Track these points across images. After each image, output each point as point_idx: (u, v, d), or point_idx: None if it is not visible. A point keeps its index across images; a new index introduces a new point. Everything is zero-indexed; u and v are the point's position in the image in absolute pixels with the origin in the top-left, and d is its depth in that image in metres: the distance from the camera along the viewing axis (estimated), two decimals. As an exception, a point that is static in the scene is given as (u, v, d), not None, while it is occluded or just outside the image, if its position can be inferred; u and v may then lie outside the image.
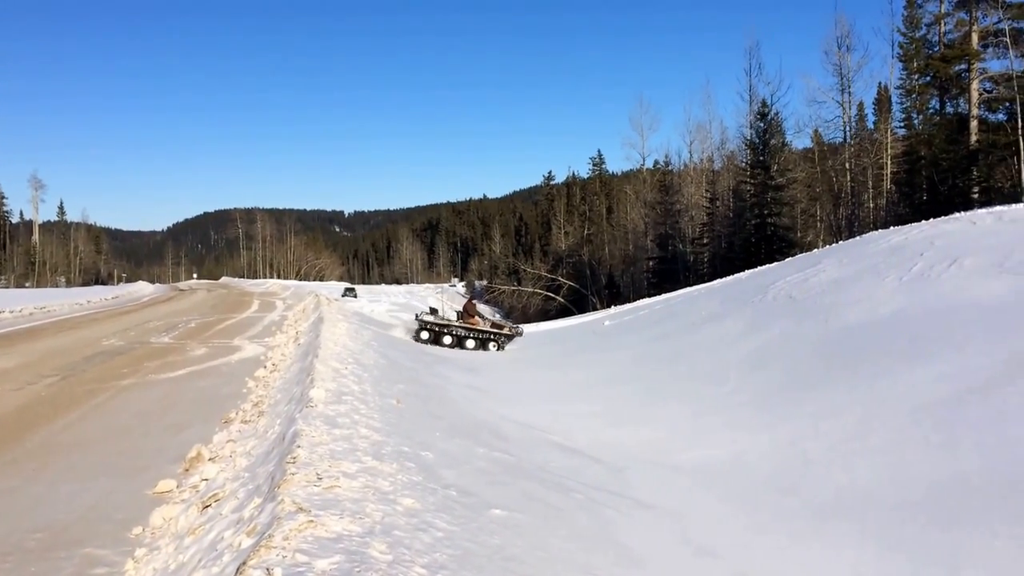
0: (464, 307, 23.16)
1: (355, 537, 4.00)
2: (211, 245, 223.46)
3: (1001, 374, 9.00)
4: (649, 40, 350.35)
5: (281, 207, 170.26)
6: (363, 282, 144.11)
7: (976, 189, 33.84)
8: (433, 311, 23.72)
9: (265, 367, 13.68)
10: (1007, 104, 33.51)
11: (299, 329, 19.69)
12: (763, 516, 7.13)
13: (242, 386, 12.07)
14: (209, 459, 7.49)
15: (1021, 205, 20.39)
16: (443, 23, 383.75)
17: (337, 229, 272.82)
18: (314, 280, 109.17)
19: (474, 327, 22.14)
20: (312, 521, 4.11)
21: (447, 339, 22.02)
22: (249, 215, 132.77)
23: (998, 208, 19.96)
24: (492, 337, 21.96)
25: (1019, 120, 31.23)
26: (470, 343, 21.91)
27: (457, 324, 22.28)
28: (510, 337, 22.42)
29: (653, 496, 7.38)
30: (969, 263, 13.96)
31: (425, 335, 22.06)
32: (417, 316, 22.88)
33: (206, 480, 6.80)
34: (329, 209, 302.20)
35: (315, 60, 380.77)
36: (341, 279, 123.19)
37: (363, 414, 7.31)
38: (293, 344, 16.37)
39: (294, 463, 5.26)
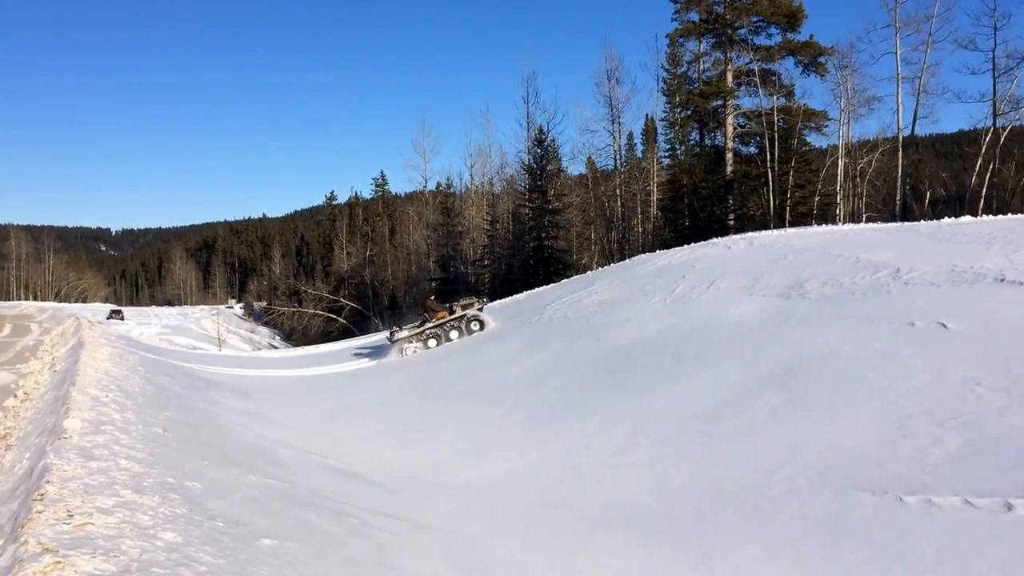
0: (425, 307, 22.44)
1: (108, 577, 3.74)
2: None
3: (751, 388, 9.74)
4: (431, 63, 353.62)
5: (39, 224, 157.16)
6: (132, 304, 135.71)
7: (732, 216, 36.58)
8: (398, 327, 22.85)
9: (16, 396, 12.54)
10: (758, 138, 36.51)
11: (56, 355, 18.23)
12: (536, 531, 7.29)
13: (-13, 418, 10.99)
14: (-57, 500, 6.76)
15: (770, 232, 22.20)
16: (214, 35, 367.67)
17: (103, 248, 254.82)
18: (76, 302, 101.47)
19: (445, 319, 21.65)
20: (59, 562, 3.79)
21: (432, 342, 21.50)
22: (1, 232, 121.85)
23: (750, 234, 21.62)
24: (469, 319, 21.59)
25: (768, 153, 34.08)
26: (454, 334, 21.46)
27: (432, 326, 21.68)
28: (481, 309, 22.13)
29: (429, 517, 7.38)
30: (725, 285, 15.02)
31: (411, 350, 21.42)
32: (392, 339, 21.91)
33: (-61, 524, 6.13)
34: (94, 226, 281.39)
35: (73, 60, 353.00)
36: (107, 301, 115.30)
37: (124, 444, 6.85)
38: (49, 371, 15.13)
39: (42, 500, 4.84)
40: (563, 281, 27.57)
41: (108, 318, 63.18)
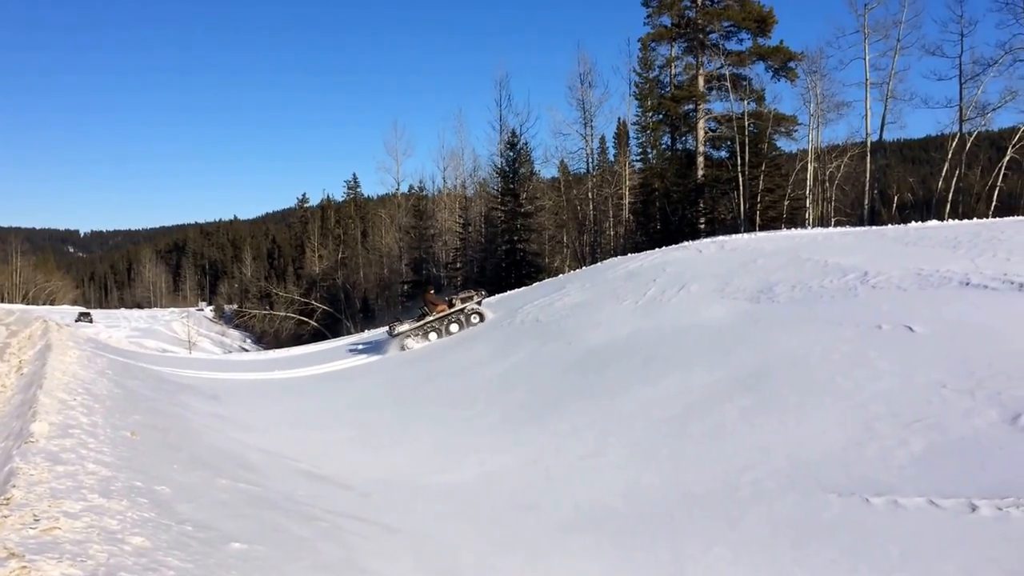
0: (425, 301, 22.46)
1: (75, 583, 3.71)
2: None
3: (721, 391, 9.81)
4: (404, 65, 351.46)
5: (6, 225, 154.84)
6: (100, 306, 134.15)
7: (703, 220, 36.86)
8: (398, 321, 22.76)
9: (-21, 401, 12.36)
10: (728, 142, 36.82)
11: (23, 358, 17.95)
12: (507, 534, 7.30)
13: (-50, 423, 10.82)
14: (-94, 507, 6.65)
15: (740, 236, 22.37)
16: (185, 36, 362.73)
17: (71, 250, 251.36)
18: (44, 304, 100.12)
19: (445, 313, 21.79)
20: (26, 567, 3.75)
21: (433, 335, 21.63)
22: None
23: (720, 238, 21.78)
24: (469, 312, 21.77)
25: (738, 158, 34.35)
26: (454, 327, 21.60)
27: (432, 319, 21.78)
28: (480, 302, 22.33)
29: (400, 520, 7.36)
30: (696, 288, 15.12)
31: (411, 343, 21.53)
32: (392, 333, 21.94)
33: (-98, 530, 6.03)
34: (62, 228, 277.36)
35: (42, 60, 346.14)
36: (75, 303, 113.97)
37: (92, 448, 6.78)
38: (15, 374, 14.91)
39: (8, 504, 4.78)
40: (535, 284, 27.60)
41: (76, 320, 62.55)
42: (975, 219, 19.04)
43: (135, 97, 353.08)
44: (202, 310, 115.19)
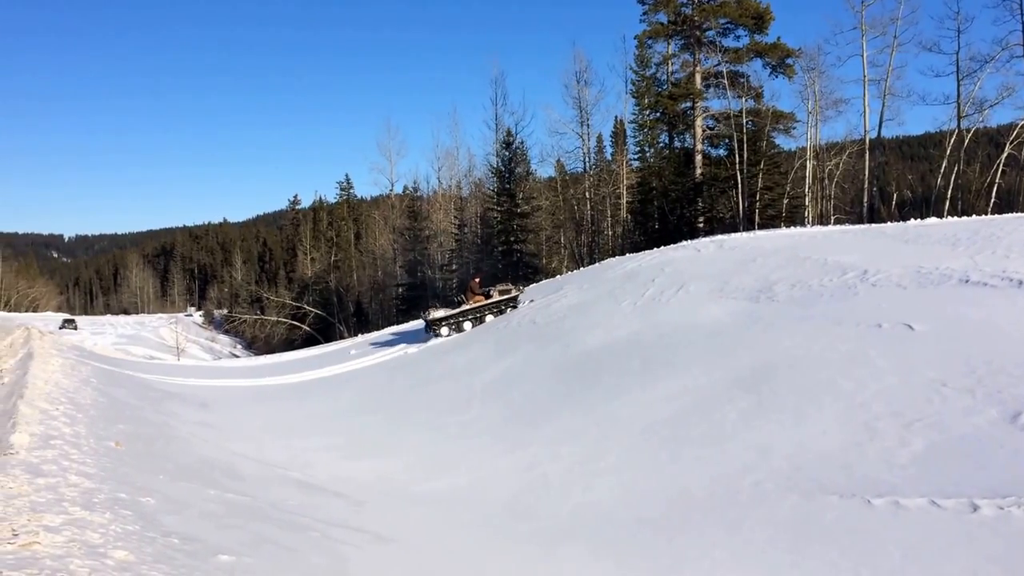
0: (467, 288, 22.85)
1: (54, 599, 3.58)
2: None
3: (720, 392, 9.70)
4: (397, 63, 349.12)
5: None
6: (86, 313, 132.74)
7: (701, 219, 36.68)
8: (434, 307, 23.24)
9: (-40, 412, 12.19)
10: (726, 140, 36.60)
11: (4, 367, 17.78)
12: (503, 541, 7.18)
13: (-70, 435, 10.65)
14: None
15: (739, 234, 22.29)
16: (171, 36, 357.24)
17: (55, 255, 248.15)
18: (27, 311, 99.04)
19: (481, 304, 22.10)
20: (3, 584, 3.64)
21: (467, 324, 21.92)
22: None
23: (719, 237, 21.74)
24: (506, 303, 22.06)
25: (737, 156, 34.21)
26: (489, 317, 21.87)
27: (469, 308, 22.06)
28: (516, 296, 22.56)
29: (392, 529, 7.22)
30: (694, 288, 15.03)
31: (445, 331, 21.84)
32: (428, 319, 22.31)
33: None
34: (46, 233, 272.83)
35: (21, 61, 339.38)
36: (59, 309, 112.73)
37: (75, 459, 6.65)
38: (-5, 384, 14.77)
39: (-15, 519, 4.66)
40: (532, 285, 27.49)
41: (60, 328, 61.75)
42: (974, 216, 18.98)
43: (120, 99, 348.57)
44: (191, 315, 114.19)
